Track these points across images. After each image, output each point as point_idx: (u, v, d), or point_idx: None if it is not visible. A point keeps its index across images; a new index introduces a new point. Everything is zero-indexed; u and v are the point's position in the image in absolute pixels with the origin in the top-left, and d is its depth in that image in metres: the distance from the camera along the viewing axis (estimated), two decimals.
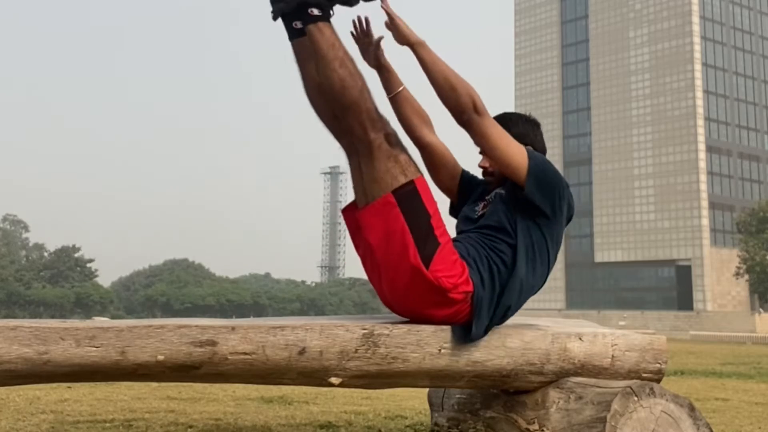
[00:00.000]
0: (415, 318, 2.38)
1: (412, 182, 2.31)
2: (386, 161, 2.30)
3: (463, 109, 2.40)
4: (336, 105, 2.35)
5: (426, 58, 2.43)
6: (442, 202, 2.54)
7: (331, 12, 2.39)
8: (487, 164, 2.63)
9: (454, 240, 2.48)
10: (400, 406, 4.21)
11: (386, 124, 2.38)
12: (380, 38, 2.59)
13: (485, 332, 2.42)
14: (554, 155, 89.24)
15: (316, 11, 2.34)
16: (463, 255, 2.42)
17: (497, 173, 2.60)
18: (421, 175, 2.37)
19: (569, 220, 2.59)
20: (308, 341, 2.18)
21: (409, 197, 2.29)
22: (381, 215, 2.29)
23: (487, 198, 2.63)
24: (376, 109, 2.37)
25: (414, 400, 4.45)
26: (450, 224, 2.51)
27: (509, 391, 2.65)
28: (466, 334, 2.37)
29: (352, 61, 2.36)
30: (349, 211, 2.46)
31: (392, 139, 2.36)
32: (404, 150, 2.37)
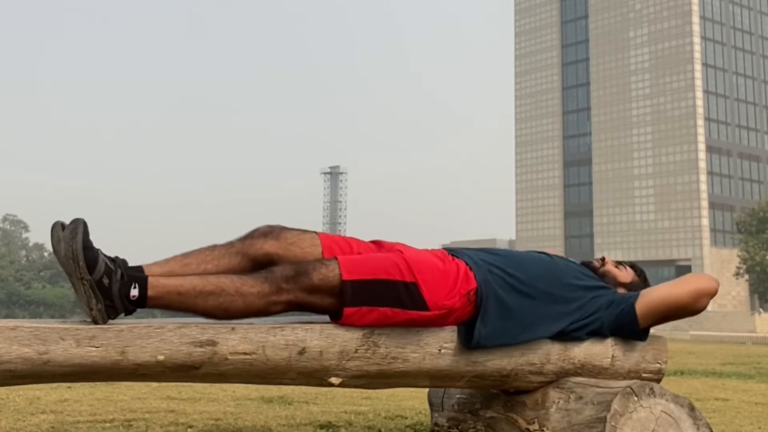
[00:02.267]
0: None
1: (342, 282, 2.19)
2: (314, 296, 2.20)
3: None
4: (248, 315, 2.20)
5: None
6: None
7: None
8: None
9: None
10: (400, 406, 4.21)
11: (281, 276, 2.17)
12: None
13: (495, 337, 2.38)
14: (554, 155, 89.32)
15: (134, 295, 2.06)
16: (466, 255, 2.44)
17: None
18: (338, 261, 2.22)
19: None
20: (308, 341, 2.18)
21: (356, 292, 2.21)
22: (353, 321, 2.25)
23: None
24: (268, 277, 2.16)
25: (414, 400, 4.45)
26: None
27: (509, 391, 2.65)
28: (470, 336, 2.36)
29: (203, 286, 2.11)
30: None
31: (298, 275, 2.17)
32: (312, 267, 2.20)
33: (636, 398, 2.33)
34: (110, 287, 2.01)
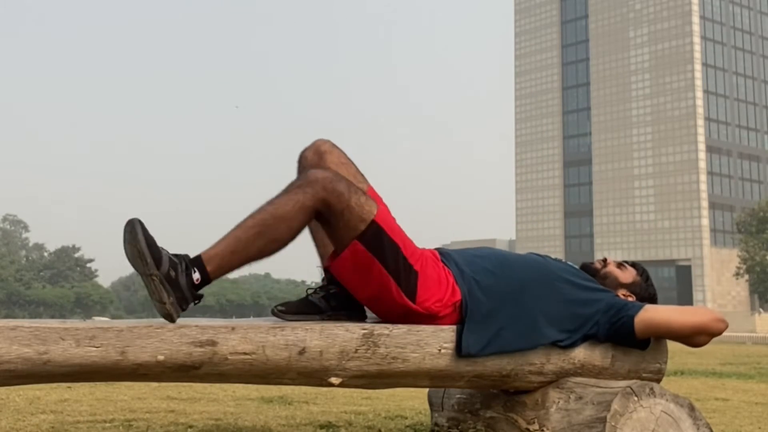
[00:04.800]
0: None
1: (373, 222, 2.22)
2: (344, 214, 2.20)
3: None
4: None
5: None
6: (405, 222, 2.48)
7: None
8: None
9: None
10: (400, 406, 4.21)
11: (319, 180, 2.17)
12: None
13: (484, 346, 2.37)
14: (554, 155, 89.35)
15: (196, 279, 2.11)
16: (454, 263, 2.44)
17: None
18: (378, 207, 2.25)
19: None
20: (308, 341, 2.18)
21: (375, 237, 2.22)
22: (352, 264, 2.25)
23: None
24: (311, 179, 2.18)
25: (414, 400, 4.45)
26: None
27: (509, 391, 2.65)
28: (459, 347, 2.35)
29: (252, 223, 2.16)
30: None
31: (337, 187, 2.18)
32: (354, 190, 2.21)
33: (636, 398, 2.33)
34: (177, 279, 2.06)
